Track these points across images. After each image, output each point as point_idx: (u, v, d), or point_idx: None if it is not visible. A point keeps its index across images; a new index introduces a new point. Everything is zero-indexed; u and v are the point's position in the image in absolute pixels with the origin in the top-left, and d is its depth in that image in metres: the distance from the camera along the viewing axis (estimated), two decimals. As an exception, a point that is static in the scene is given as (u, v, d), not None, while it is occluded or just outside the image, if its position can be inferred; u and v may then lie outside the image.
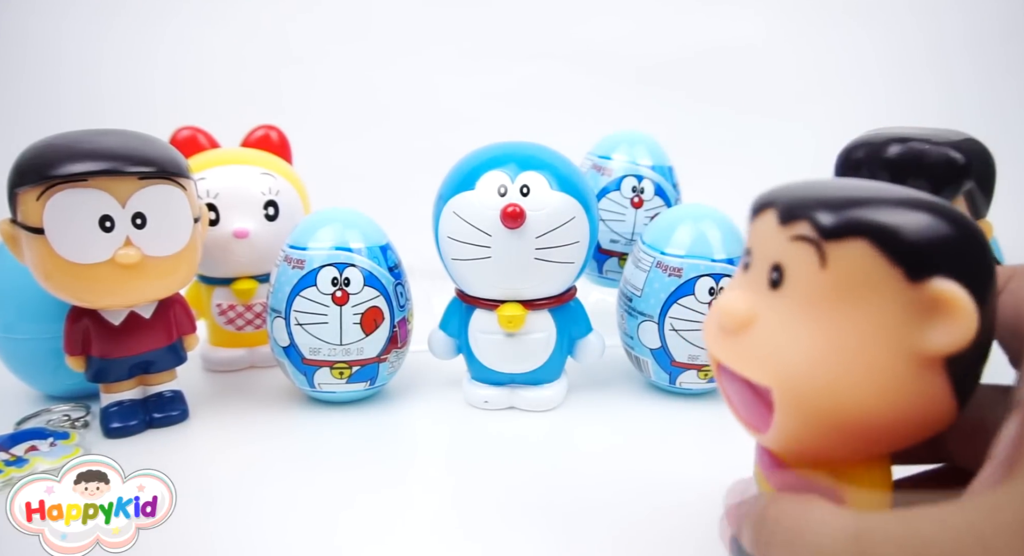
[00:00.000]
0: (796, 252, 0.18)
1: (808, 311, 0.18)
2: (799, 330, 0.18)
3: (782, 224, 0.18)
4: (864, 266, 0.17)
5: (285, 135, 0.46)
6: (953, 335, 0.16)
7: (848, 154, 0.32)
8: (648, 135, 0.49)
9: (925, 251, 0.17)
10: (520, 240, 0.34)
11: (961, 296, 0.16)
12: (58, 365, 0.35)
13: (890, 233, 0.17)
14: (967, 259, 0.17)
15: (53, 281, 0.32)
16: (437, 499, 0.31)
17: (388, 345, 0.37)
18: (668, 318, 0.37)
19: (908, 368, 0.17)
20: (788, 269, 0.18)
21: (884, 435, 0.18)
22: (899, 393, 0.17)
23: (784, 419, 0.18)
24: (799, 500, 0.18)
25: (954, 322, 0.16)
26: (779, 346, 0.18)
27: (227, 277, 0.43)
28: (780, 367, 0.18)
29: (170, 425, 0.37)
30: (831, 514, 0.17)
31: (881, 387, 0.17)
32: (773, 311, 0.18)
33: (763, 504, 0.18)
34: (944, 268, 0.16)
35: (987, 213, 0.31)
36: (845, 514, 0.17)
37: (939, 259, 0.17)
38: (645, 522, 0.28)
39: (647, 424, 0.37)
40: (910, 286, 0.17)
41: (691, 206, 0.40)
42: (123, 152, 0.31)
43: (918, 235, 0.17)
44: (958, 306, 0.16)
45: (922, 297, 0.16)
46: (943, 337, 0.16)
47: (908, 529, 0.15)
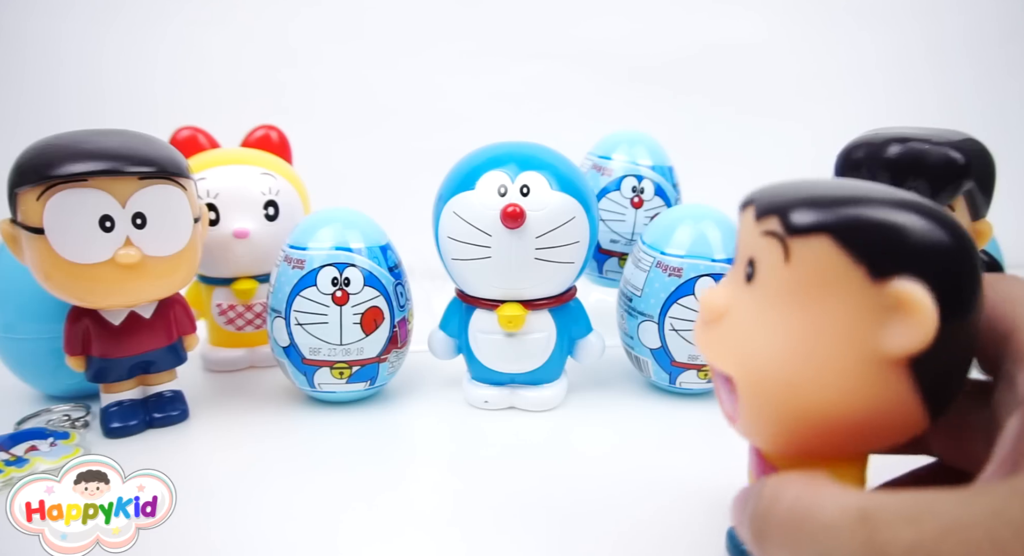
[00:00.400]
0: (766, 247, 0.18)
1: (773, 304, 0.18)
2: (764, 322, 0.18)
3: (757, 220, 0.18)
4: (827, 263, 0.17)
5: (285, 135, 0.46)
6: (910, 336, 0.16)
7: (848, 154, 0.32)
8: (648, 135, 0.49)
9: (888, 250, 0.16)
10: (520, 240, 0.34)
11: (920, 297, 0.16)
12: (58, 365, 0.35)
13: (853, 231, 0.17)
14: (938, 262, 0.16)
15: (53, 281, 0.32)
16: (437, 499, 0.31)
17: (388, 345, 0.37)
18: (668, 318, 0.37)
19: (868, 367, 0.17)
20: (759, 263, 0.18)
21: (846, 433, 0.18)
22: (858, 391, 0.17)
23: (746, 408, 0.19)
24: (803, 478, 0.17)
25: (912, 323, 0.16)
26: (744, 337, 0.18)
27: (227, 277, 0.43)
28: (742, 357, 0.18)
29: (170, 425, 0.37)
30: (835, 492, 0.16)
31: (839, 383, 0.17)
32: (744, 304, 0.19)
33: (763, 485, 0.18)
34: (909, 269, 0.16)
35: (987, 213, 0.31)
36: (849, 493, 0.16)
37: (903, 259, 0.16)
38: (645, 522, 0.28)
39: (647, 424, 0.37)
40: (872, 285, 0.16)
41: (691, 206, 0.40)
42: (123, 152, 0.31)
43: (881, 234, 0.17)
44: (916, 307, 0.16)
45: (884, 297, 0.16)
46: (901, 338, 0.16)
47: (924, 510, 0.15)
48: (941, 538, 0.15)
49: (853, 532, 0.15)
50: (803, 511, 0.16)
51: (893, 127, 0.32)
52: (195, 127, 0.44)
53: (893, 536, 0.15)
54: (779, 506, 0.17)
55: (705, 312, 0.20)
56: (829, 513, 0.16)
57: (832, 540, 0.16)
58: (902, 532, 0.15)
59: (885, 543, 0.15)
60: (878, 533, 0.15)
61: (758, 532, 0.17)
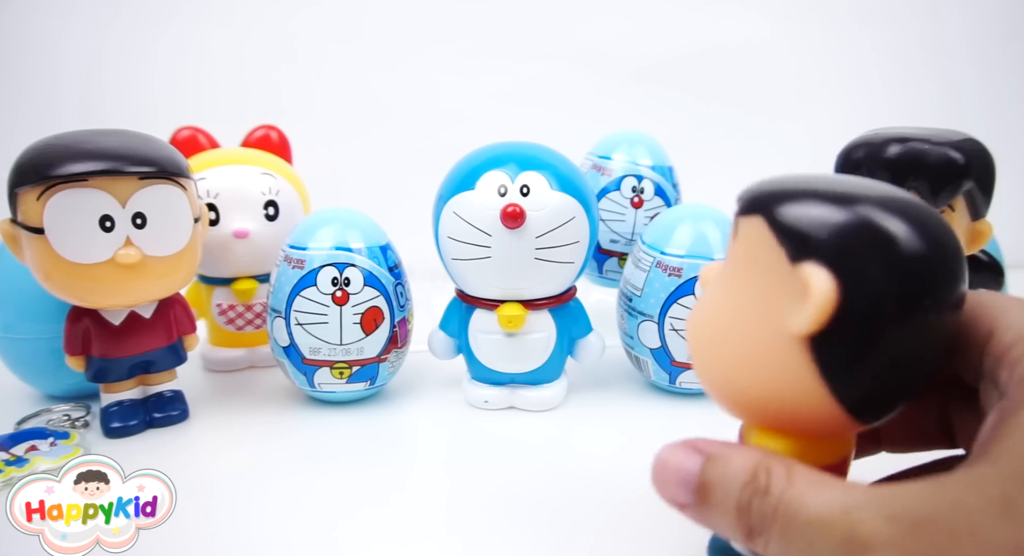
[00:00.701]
0: (731, 227, 0.21)
1: (723, 276, 0.20)
2: (715, 290, 0.21)
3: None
4: (758, 241, 0.19)
5: (285, 135, 0.46)
6: (804, 317, 0.17)
7: (848, 154, 0.32)
8: (648, 135, 0.49)
9: (806, 236, 0.18)
10: (520, 240, 0.34)
11: (818, 280, 0.17)
12: (58, 365, 0.35)
13: (779, 214, 0.18)
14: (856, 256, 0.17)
15: (53, 281, 0.32)
16: (437, 499, 0.31)
17: (388, 345, 0.37)
18: (668, 318, 0.37)
19: (778, 342, 0.18)
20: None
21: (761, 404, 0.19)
22: (768, 363, 0.19)
23: (693, 361, 0.21)
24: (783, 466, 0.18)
25: (808, 303, 0.17)
26: (701, 300, 0.21)
27: (227, 277, 0.43)
28: (694, 318, 0.21)
29: (170, 425, 0.37)
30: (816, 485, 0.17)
31: (746, 351, 0.19)
32: (716, 277, 0.21)
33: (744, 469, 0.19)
34: (824, 257, 0.17)
35: (987, 213, 0.31)
36: (831, 487, 0.17)
37: (819, 247, 0.17)
38: (645, 522, 0.28)
39: (647, 424, 0.37)
40: (789, 267, 0.18)
41: (691, 206, 0.40)
42: (123, 152, 0.31)
43: (805, 221, 0.18)
44: (812, 288, 0.17)
45: (795, 278, 0.18)
46: (798, 318, 0.17)
47: (898, 503, 0.16)
48: (912, 532, 0.15)
49: (836, 526, 0.16)
50: (791, 505, 0.17)
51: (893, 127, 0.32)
52: (195, 127, 0.44)
53: (872, 532, 0.16)
54: (770, 500, 0.18)
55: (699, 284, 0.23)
56: (813, 506, 0.17)
57: (816, 535, 0.16)
58: (881, 528, 0.16)
59: (865, 537, 0.16)
60: (859, 527, 0.16)
61: (754, 528, 0.18)
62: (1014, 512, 0.15)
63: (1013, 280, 0.36)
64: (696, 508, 0.19)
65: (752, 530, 0.18)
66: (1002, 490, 0.16)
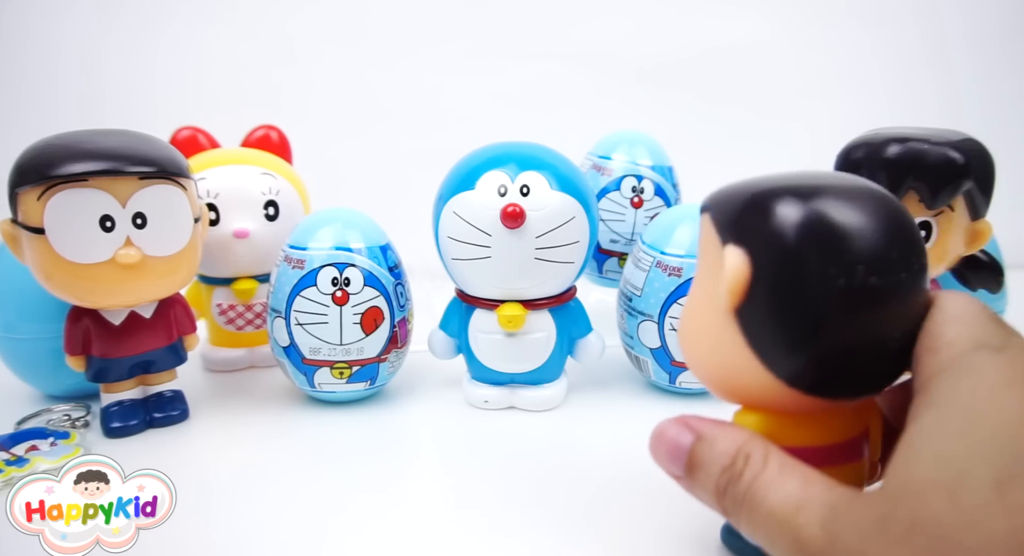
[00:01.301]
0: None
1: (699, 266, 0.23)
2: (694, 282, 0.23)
3: None
4: (707, 234, 0.22)
5: (285, 135, 0.46)
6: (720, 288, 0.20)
7: (847, 154, 0.32)
8: (648, 135, 0.49)
9: (728, 223, 0.21)
10: (520, 240, 0.34)
11: (731, 256, 0.20)
12: (58, 365, 0.35)
13: (715, 208, 0.22)
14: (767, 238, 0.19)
15: (54, 281, 0.32)
16: (437, 499, 0.31)
17: (388, 345, 0.37)
18: (668, 318, 0.37)
19: (715, 317, 0.21)
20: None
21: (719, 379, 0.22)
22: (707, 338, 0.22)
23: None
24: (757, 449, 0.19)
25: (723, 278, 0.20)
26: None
27: (227, 277, 0.43)
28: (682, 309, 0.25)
29: (170, 425, 0.37)
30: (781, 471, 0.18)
31: (706, 332, 0.22)
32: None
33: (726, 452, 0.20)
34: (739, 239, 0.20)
35: (986, 213, 0.31)
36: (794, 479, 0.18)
37: (737, 231, 0.20)
38: (645, 522, 0.28)
39: (647, 424, 0.37)
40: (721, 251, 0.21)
41: (691, 206, 0.40)
42: (123, 152, 0.31)
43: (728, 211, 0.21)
44: (726, 264, 0.20)
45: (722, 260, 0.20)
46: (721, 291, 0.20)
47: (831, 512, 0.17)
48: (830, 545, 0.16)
49: (787, 526, 0.17)
50: (757, 494, 0.18)
51: (893, 127, 0.32)
52: (195, 127, 0.44)
53: (811, 537, 0.17)
54: (740, 487, 0.19)
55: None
56: (773, 503, 0.18)
57: (773, 530, 0.18)
58: (816, 535, 0.17)
59: (806, 543, 0.17)
60: (802, 532, 0.17)
61: (728, 509, 0.20)
62: (888, 533, 0.16)
63: (1013, 280, 0.36)
64: (685, 481, 0.21)
65: (727, 512, 0.20)
66: (878, 511, 0.16)
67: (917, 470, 0.16)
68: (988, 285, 0.33)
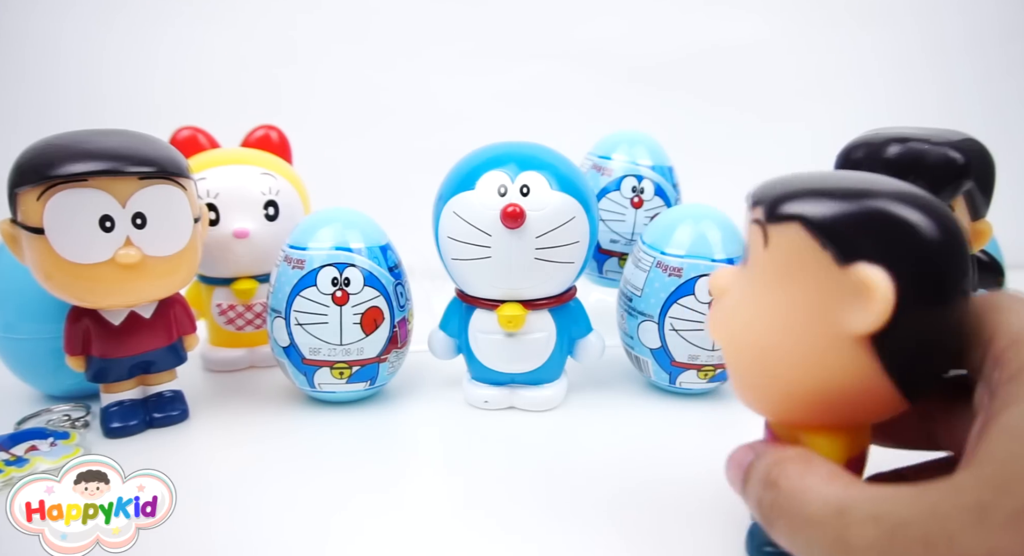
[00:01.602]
0: (753, 233, 0.20)
1: (756, 284, 0.20)
2: (748, 299, 0.21)
3: (750, 210, 0.21)
4: (797, 247, 0.19)
5: (285, 135, 0.46)
6: (868, 317, 0.18)
7: (847, 154, 0.32)
8: (648, 135, 0.49)
9: (852, 238, 0.18)
10: (520, 240, 0.34)
11: (878, 280, 0.17)
12: (58, 365, 0.35)
13: (820, 219, 0.18)
14: (904, 248, 0.18)
15: (53, 281, 0.32)
16: (437, 499, 0.31)
17: (388, 345, 0.37)
18: (668, 318, 0.37)
19: (833, 343, 0.18)
20: (749, 248, 0.21)
21: (819, 403, 0.20)
22: (824, 365, 0.19)
23: (731, 372, 0.21)
24: (800, 463, 0.19)
25: (869, 304, 0.17)
26: (730, 309, 0.21)
27: (227, 277, 0.43)
28: (729, 328, 0.21)
29: (170, 425, 0.37)
30: (822, 483, 0.18)
31: (807, 356, 0.19)
32: (739, 283, 0.21)
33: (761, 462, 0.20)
34: (870, 255, 0.18)
35: (987, 213, 0.31)
36: (835, 486, 0.18)
37: (867, 246, 0.18)
38: (645, 522, 0.28)
39: (647, 424, 0.37)
40: (838, 269, 0.18)
41: (691, 206, 0.40)
42: (123, 152, 0.31)
43: (847, 223, 0.18)
44: (874, 290, 0.17)
45: (848, 280, 0.18)
46: (860, 318, 0.18)
47: (885, 507, 0.17)
48: (890, 536, 0.16)
49: (829, 527, 0.17)
50: (796, 502, 0.18)
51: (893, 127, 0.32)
52: (195, 127, 0.44)
53: (859, 533, 0.17)
54: (780, 497, 0.19)
55: (711, 291, 0.23)
56: (813, 507, 0.18)
57: (814, 533, 0.18)
58: (867, 529, 0.16)
59: (851, 539, 0.17)
60: (847, 530, 0.17)
61: (765, 519, 0.20)
62: (988, 519, 0.15)
63: (1013, 280, 0.36)
64: (743, 496, 0.21)
65: (765, 521, 0.20)
66: (978, 496, 0.16)
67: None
68: (988, 285, 0.33)
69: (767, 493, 0.19)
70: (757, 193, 0.21)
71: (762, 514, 0.20)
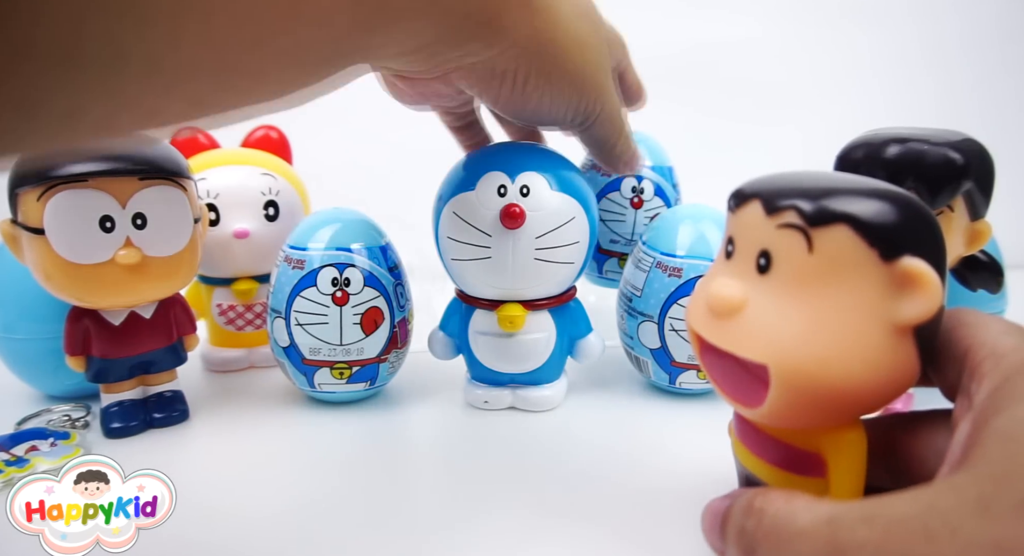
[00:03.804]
0: (784, 239, 0.20)
1: (797, 292, 0.20)
2: (789, 310, 0.19)
3: (768, 214, 0.20)
4: (846, 249, 0.19)
5: (285, 135, 0.46)
6: (923, 306, 0.19)
7: (847, 154, 0.32)
8: (648, 135, 0.48)
9: (895, 234, 0.19)
10: (520, 240, 0.34)
11: (929, 272, 0.19)
12: (58, 365, 0.35)
13: (867, 219, 0.19)
14: (926, 240, 0.19)
15: (54, 281, 0.32)
16: (437, 499, 0.31)
17: (388, 345, 0.37)
18: (668, 318, 0.37)
19: (886, 338, 0.19)
20: (776, 255, 0.20)
21: (865, 399, 0.20)
22: (880, 361, 0.19)
23: (779, 393, 0.20)
24: (784, 492, 0.19)
25: (923, 295, 0.19)
26: (771, 326, 0.20)
27: (227, 277, 0.43)
28: (774, 345, 0.19)
29: (170, 425, 0.37)
30: (811, 502, 0.19)
31: (864, 354, 0.19)
32: (763, 295, 0.20)
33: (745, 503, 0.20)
34: (910, 248, 0.19)
35: (986, 213, 0.31)
36: (824, 503, 0.18)
37: (906, 241, 0.19)
38: (645, 522, 0.28)
39: (647, 424, 0.37)
40: (884, 265, 0.19)
41: (691, 206, 0.40)
42: (123, 152, 0.32)
43: (890, 221, 0.19)
44: (926, 280, 0.19)
45: (894, 274, 0.19)
46: (914, 308, 0.19)
47: (876, 510, 0.17)
48: (886, 532, 0.16)
49: (820, 533, 0.17)
50: (782, 521, 0.18)
51: (892, 127, 0.32)
52: (195, 127, 0.44)
53: (850, 535, 0.17)
54: (765, 520, 0.19)
55: (721, 306, 0.20)
56: (803, 519, 0.18)
57: (805, 542, 0.18)
58: (858, 531, 0.17)
59: (844, 541, 0.17)
60: (839, 533, 0.17)
61: (747, 546, 0.19)
62: (992, 510, 0.16)
63: (1013, 280, 0.36)
64: (723, 545, 0.21)
65: (746, 549, 0.19)
66: (978, 491, 0.16)
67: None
68: (988, 285, 0.33)
69: (750, 520, 0.19)
70: (774, 196, 0.20)
71: (743, 544, 0.19)
